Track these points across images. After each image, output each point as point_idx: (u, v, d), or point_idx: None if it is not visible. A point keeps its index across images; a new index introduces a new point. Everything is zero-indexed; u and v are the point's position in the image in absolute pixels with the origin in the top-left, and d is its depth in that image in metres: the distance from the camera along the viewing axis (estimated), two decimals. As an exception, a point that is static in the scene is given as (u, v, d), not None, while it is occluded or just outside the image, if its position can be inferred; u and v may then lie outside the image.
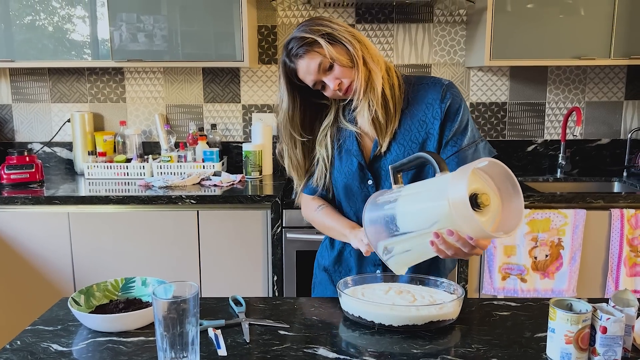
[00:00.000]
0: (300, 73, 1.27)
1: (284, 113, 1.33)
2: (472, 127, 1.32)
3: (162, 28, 2.54)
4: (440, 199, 0.98)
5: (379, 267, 1.36)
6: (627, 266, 2.39)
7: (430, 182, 1.07)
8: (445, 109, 1.28)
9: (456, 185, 0.95)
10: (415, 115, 1.31)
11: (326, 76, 1.26)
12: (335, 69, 1.25)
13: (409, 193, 1.09)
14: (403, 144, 1.31)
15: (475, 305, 1.22)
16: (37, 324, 1.13)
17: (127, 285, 1.24)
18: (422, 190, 1.07)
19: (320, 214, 1.43)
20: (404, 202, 1.07)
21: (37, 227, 2.38)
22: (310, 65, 1.24)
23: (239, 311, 1.17)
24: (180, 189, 2.46)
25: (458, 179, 0.96)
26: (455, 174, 0.99)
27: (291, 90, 1.31)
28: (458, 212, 0.95)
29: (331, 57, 1.23)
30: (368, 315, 1.10)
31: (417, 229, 1.05)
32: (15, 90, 2.95)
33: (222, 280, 2.41)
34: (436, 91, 1.30)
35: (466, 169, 0.97)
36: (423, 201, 1.05)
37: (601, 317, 0.93)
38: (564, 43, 2.54)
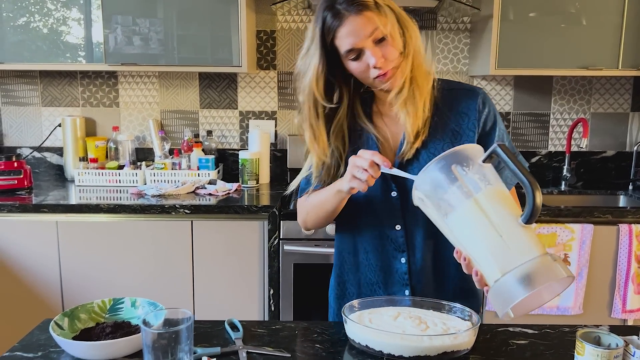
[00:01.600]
0: (342, 31, 1.10)
1: (312, 72, 1.15)
2: (509, 139, 1.24)
3: (157, 32, 2.46)
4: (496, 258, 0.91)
5: (407, 287, 1.25)
6: (635, 283, 2.32)
7: (509, 225, 0.93)
8: (482, 122, 1.20)
9: (513, 286, 0.87)
10: (447, 124, 1.20)
11: (372, 47, 1.11)
12: (385, 46, 1.11)
13: (484, 207, 0.93)
14: (433, 153, 1.18)
15: (490, 333, 1.14)
16: (15, 349, 1.04)
17: (115, 306, 1.15)
18: (497, 224, 0.92)
19: (311, 197, 1.27)
20: (472, 212, 0.93)
21: (24, 237, 2.28)
22: (363, 28, 1.09)
23: (236, 337, 1.09)
24: (174, 198, 2.37)
25: (520, 284, 0.87)
26: (529, 268, 0.88)
27: (323, 51, 1.13)
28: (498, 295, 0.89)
29: (390, 32, 1.10)
30: (376, 344, 1.01)
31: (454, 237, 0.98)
32: (4, 92, 2.85)
33: (216, 293, 2.31)
34: (472, 100, 1.21)
35: (538, 279, 0.87)
36: (486, 237, 0.93)
37: (635, 353, 0.85)
38: (571, 53, 2.47)
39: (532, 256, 0.88)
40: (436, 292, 1.23)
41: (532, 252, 0.89)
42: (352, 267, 1.31)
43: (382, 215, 1.23)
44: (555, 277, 0.87)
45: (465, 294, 1.25)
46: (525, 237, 0.91)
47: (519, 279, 0.86)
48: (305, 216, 1.32)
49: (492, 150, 0.94)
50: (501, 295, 0.88)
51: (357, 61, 1.13)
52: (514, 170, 0.92)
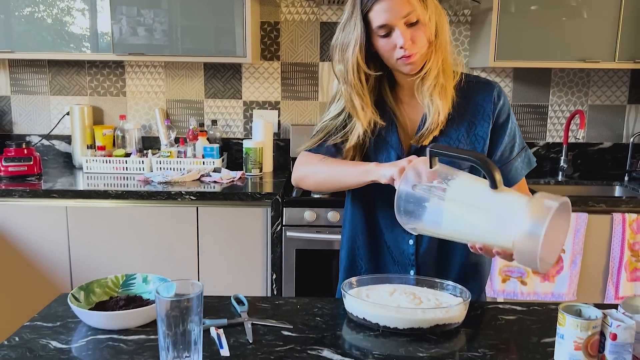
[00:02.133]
0: (380, 5, 1.13)
1: (355, 43, 1.17)
2: (519, 133, 1.29)
3: (162, 22, 2.52)
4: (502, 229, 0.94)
5: (413, 267, 1.30)
6: (627, 271, 2.38)
7: (488, 199, 0.97)
8: (496, 114, 1.25)
9: (530, 231, 0.90)
10: (462, 114, 1.25)
11: (404, 27, 1.14)
12: (416, 30, 1.15)
13: (460, 199, 1.00)
14: (448, 142, 1.24)
15: (481, 309, 1.20)
16: (35, 320, 1.11)
17: (127, 282, 1.22)
18: (479, 205, 0.98)
19: (327, 162, 1.27)
20: (453, 209, 1.00)
21: (35, 221, 2.35)
22: (398, 8, 1.12)
23: (242, 310, 1.15)
24: (180, 185, 2.44)
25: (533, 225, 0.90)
26: (529, 213, 0.91)
27: (363, 22, 1.16)
28: (523, 252, 0.92)
29: (424, 19, 1.14)
30: (373, 317, 1.08)
31: (459, 236, 1.03)
32: (14, 81, 2.92)
33: (220, 277, 2.39)
34: (488, 93, 1.25)
35: (543, 214, 0.90)
36: (480, 220, 0.98)
37: (611, 323, 0.92)
38: (569, 45, 2.52)
39: (522, 207, 0.93)
40: (441, 274, 1.27)
41: (520, 205, 0.94)
42: (364, 244, 1.35)
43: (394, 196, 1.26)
44: (551, 209, 0.90)
45: (469, 275, 1.30)
46: (505, 199, 0.96)
47: (527, 233, 0.90)
48: (308, 174, 1.30)
49: (430, 154, 1.02)
50: (525, 255, 0.92)
51: (385, 38, 1.17)
52: (455, 156, 1.00)
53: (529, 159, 1.31)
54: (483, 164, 0.97)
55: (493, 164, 0.97)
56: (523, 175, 1.30)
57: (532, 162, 1.32)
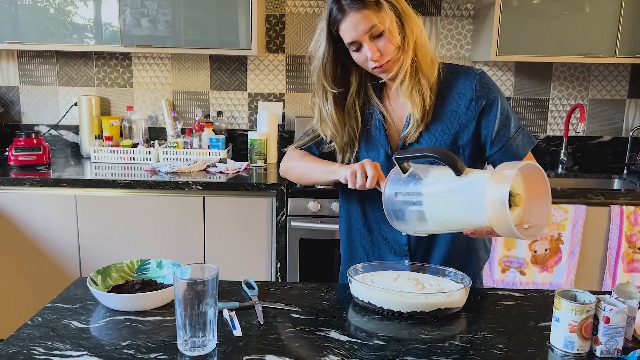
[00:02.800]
0: (344, 25, 1.20)
1: (318, 60, 1.26)
2: (513, 114, 1.31)
3: (165, 13, 2.55)
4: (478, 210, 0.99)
5: (407, 256, 1.35)
6: (624, 262, 2.43)
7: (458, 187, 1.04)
8: (482, 100, 1.27)
9: (495, 201, 0.95)
10: (446, 106, 1.29)
11: (369, 42, 1.21)
12: (381, 41, 1.21)
13: (435, 195, 1.07)
14: (434, 134, 1.28)
15: (481, 295, 1.25)
16: (56, 301, 1.16)
17: (142, 266, 1.28)
18: (453, 195, 1.05)
19: (305, 159, 1.38)
20: (433, 207, 1.07)
21: (44, 209, 2.41)
22: (361, 24, 1.19)
23: (252, 294, 1.21)
24: (186, 175, 2.49)
25: (495, 194, 0.95)
26: (491, 186, 0.97)
27: (329, 38, 1.24)
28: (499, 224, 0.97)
29: (388, 28, 1.19)
30: (377, 301, 1.13)
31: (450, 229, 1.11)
32: (22, 72, 2.96)
33: (226, 266, 2.44)
34: (469, 81, 1.28)
35: (502, 182, 0.96)
36: (458, 209, 1.04)
37: (605, 308, 0.97)
38: (570, 40, 2.56)
39: (485, 183, 0.98)
40: (433, 262, 1.33)
41: (483, 182, 0.99)
42: (361, 236, 1.41)
43: None
44: (509, 177, 0.96)
45: (462, 262, 1.35)
46: (471, 181, 1.02)
47: (494, 204, 0.96)
48: (289, 168, 1.43)
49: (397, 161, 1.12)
50: (501, 226, 0.97)
51: (357, 52, 1.25)
52: (417, 157, 1.08)
53: (529, 137, 1.33)
54: (440, 156, 1.04)
55: (450, 153, 1.04)
56: (527, 152, 1.31)
57: (533, 139, 1.33)
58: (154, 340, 1.01)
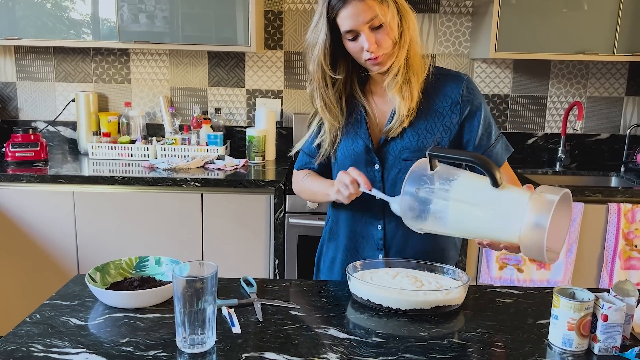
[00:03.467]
0: (344, 12, 1.20)
1: (319, 45, 1.25)
2: (493, 121, 1.35)
3: (164, 9, 2.54)
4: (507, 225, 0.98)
5: (381, 251, 1.36)
6: (621, 259, 2.44)
7: (492, 197, 1.01)
8: (468, 106, 1.30)
9: (535, 224, 0.94)
10: (431, 105, 1.31)
11: (368, 32, 1.21)
12: (380, 33, 1.21)
13: (464, 199, 1.04)
14: (417, 132, 1.30)
15: (479, 292, 1.26)
16: (54, 298, 1.16)
17: (140, 263, 1.27)
18: (483, 204, 1.02)
19: (306, 181, 1.44)
20: (459, 209, 1.04)
21: (42, 205, 2.40)
22: (363, 14, 1.19)
23: (251, 291, 1.21)
24: (185, 172, 2.48)
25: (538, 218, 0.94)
26: (532, 207, 0.95)
27: (328, 26, 1.24)
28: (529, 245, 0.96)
29: (389, 21, 1.20)
30: (376, 298, 1.13)
31: (466, 234, 1.09)
32: (20, 68, 2.95)
33: (224, 263, 2.44)
34: (456, 84, 1.31)
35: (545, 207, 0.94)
36: (485, 218, 1.02)
37: (603, 305, 0.97)
38: (568, 37, 2.56)
39: (525, 202, 0.97)
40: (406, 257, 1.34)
41: (522, 200, 0.97)
42: (333, 232, 1.46)
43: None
44: (553, 203, 0.94)
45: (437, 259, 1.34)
46: (508, 196, 1.00)
47: (531, 227, 0.95)
48: (299, 191, 1.50)
49: (430, 157, 1.08)
50: (532, 248, 0.96)
51: (353, 42, 1.24)
52: (455, 158, 1.05)
53: (507, 145, 1.37)
54: (483, 164, 1.01)
55: (493, 164, 1.01)
56: (504, 159, 1.35)
57: (510, 147, 1.38)
58: (153, 338, 1.01)
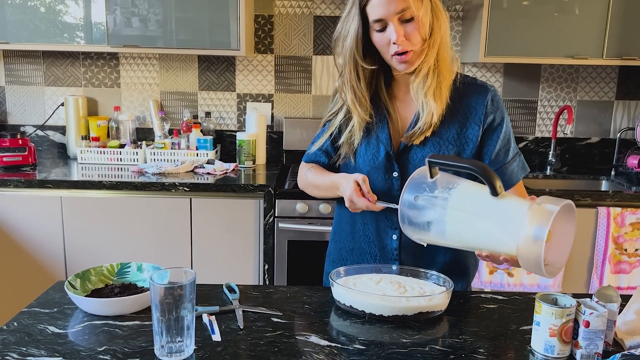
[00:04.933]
0: (374, 1, 1.16)
1: (352, 36, 1.21)
2: (513, 138, 1.31)
3: (156, 13, 2.54)
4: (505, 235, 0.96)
5: (396, 262, 1.33)
6: (611, 263, 2.44)
7: (490, 206, 1.00)
8: (490, 118, 1.26)
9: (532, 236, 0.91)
10: (455, 115, 1.26)
11: (397, 24, 1.17)
12: (410, 26, 1.17)
13: (462, 208, 1.03)
14: (438, 141, 1.26)
15: (464, 298, 1.25)
16: (33, 306, 1.14)
17: (122, 270, 1.26)
18: (482, 213, 1.01)
19: (310, 175, 1.37)
20: (457, 218, 1.02)
21: (30, 211, 2.38)
22: (393, 3, 1.15)
23: (233, 298, 1.20)
24: (174, 176, 2.47)
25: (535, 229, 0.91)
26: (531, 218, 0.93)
27: (360, 14, 1.20)
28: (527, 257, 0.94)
29: (420, 16, 1.16)
30: (359, 304, 1.13)
31: (465, 245, 1.06)
32: (8, 72, 2.93)
33: (213, 267, 2.43)
34: (482, 96, 1.27)
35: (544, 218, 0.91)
36: (483, 228, 1.00)
37: (584, 311, 0.96)
38: (558, 42, 2.57)
39: (524, 213, 0.94)
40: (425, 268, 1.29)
41: (521, 210, 0.96)
42: (349, 236, 1.40)
43: (381, 192, 1.29)
44: (552, 213, 0.92)
45: (453, 272, 1.32)
46: (506, 205, 0.99)
47: (529, 238, 0.93)
48: (304, 187, 1.43)
49: (430, 164, 1.06)
50: (530, 260, 0.94)
51: (381, 33, 1.20)
52: (455, 165, 1.03)
53: (523, 164, 1.34)
54: (483, 173, 0.99)
55: (492, 172, 1.00)
56: (520, 178, 1.32)
57: (526, 167, 1.35)
58: (131, 346, 0.99)
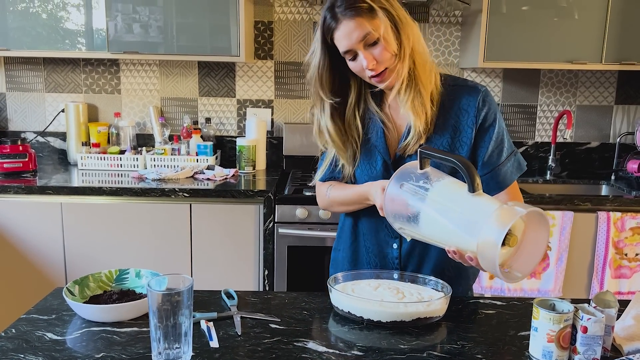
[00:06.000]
0: (338, 34, 1.18)
1: (313, 69, 1.24)
2: (508, 137, 1.29)
3: (157, 19, 2.55)
4: (470, 233, 0.97)
5: (397, 271, 1.31)
6: (612, 268, 2.43)
7: (464, 202, 1.01)
8: (481, 119, 1.25)
9: (490, 237, 0.93)
10: (447, 120, 1.26)
11: (364, 50, 1.17)
12: (377, 48, 1.17)
13: (438, 200, 1.04)
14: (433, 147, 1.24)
15: (462, 303, 1.25)
16: (31, 312, 1.14)
17: (121, 276, 1.26)
18: (454, 207, 1.02)
19: (333, 193, 1.36)
20: (431, 209, 1.04)
21: (30, 217, 2.38)
22: (355, 32, 1.15)
23: (231, 304, 1.20)
24: (174, 182, 2.47)
25: (493, 231, 0.93)
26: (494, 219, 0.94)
27: (324, 47, 1.21)
28: (484, 258, 0.95)
29: (383, 35, 1.15)
30: (357, 310, 1.12)
31: (436, 238, 1.06)
32: (9, 78, 2.94)
33: (213, 273, 2.43)
34: (472, 97, 1.25)
35: (505, 221, 0.92)
36: (453, 222, 1.01)
37: (582, 317, 0.96)
38: (557, 47, 2.57)
39: (491, 211, 0.95)
40: None
41: (489, 209, 0.96)
42: (351, 245, 1.40)
43: None
44: (516, 214, 0.93)
45: (452, 279, 1.31)
46: (478, 203, 0.99)
47: (488, 236, 0.93)
48: (327, 206, 1.41)
49: (420, 156, 1.07)
50: (487, 260, 0.95)
51: (353, 61, 1.21)
52: (442, 158, 1.04)
53: (519, 162, 1.31)
54: (464, 167, 1.00)
55: (474, 170, 1.00)
56: (514, 179, 1.31)
57: (523, 166, 1.32)
58: (129, 352, 0.99)
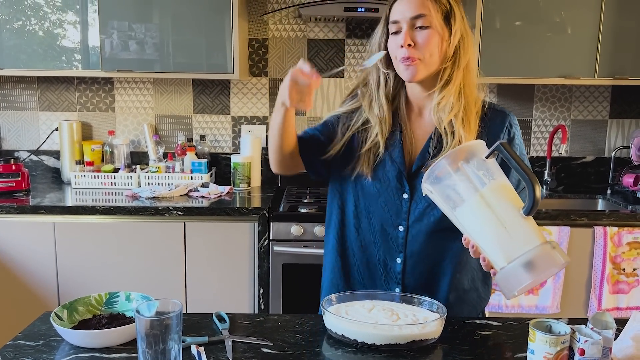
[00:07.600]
0: (397, 4, 1.21)
1: (375, 38, 1.26)
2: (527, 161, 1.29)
3: (153, 37, 2.55)
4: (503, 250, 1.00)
5: (399, 285, 1.30)
6: (609, 283, 2.42)
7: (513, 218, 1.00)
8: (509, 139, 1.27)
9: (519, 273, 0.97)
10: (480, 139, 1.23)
11: (410, 29, 1.18)
12: (423, 34, 1.18)
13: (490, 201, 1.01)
14: None
15: (458, 324, 1.23)
16: (18, 338, 1.12)
17: (110, 300, 1.24)
18: (502, 216, 1.01)
19: None
20: (478, 204, 1.02)
21: (22, 237, 2.36)
22: (411, 7, 1.17)
23: (223, 328, 1.17)
24: (168, 200, 2.46)
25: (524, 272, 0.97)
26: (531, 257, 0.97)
27: (385, 22, 1.25)
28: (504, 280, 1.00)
29: (435, 26, 1.17)
30: (351, 333, 1.10)
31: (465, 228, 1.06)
32: (2, 97, 2.93)
33: (207, 292, 2.40)
34: (500, 121, 1.27)
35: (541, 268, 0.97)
36: (493, 229, 1.02)
37: (579, 339, 0.95)
38: (551, 62, 2.58)
39: (533, 245, 0.98)
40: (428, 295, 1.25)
41: (533, 241, 0.98)
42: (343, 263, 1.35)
43: (389, 212, 1.27)
44: (555, 263, 0.97)
45: (457, 301, 1.30)
46: (526, 228, 1.00)
47: (522, 266, 0.97)
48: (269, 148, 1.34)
49: (496, 147, 1.02)
50: (508, 281, 0.99)
51: (394, 35, 1.22)
52: (516, 167, 1.01)
53: None
54: (532, 188, 0.98)
55: (540, 194, 0.99)
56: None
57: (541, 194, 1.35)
58: (117, 380, 0.97)
